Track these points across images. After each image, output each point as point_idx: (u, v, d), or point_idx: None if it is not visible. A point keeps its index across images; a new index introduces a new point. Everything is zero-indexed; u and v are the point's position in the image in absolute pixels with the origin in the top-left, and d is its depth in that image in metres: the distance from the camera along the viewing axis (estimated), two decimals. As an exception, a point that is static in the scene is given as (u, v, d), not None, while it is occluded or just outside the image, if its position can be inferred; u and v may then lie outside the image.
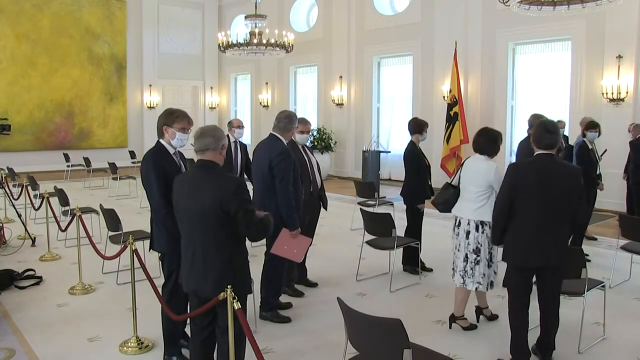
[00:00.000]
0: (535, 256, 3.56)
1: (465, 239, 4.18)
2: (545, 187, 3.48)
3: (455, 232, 4.31)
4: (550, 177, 3.50)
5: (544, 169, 3.52)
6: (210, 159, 3.06)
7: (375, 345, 2.72)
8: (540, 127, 3.62)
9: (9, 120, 15.23)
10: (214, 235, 2.97)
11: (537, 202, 3.50)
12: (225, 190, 2.93)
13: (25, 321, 4.56)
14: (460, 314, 4.40)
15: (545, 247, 3.54)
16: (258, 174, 4.52)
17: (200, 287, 3.03)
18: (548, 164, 3.53)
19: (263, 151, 4.50)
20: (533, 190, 3.50)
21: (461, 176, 4.29)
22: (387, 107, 13.86)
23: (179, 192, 3.12)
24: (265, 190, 4.41)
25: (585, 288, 3.99)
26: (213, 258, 2.98)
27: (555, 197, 3.48)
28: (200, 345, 3.22)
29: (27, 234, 7.27)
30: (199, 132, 3.11)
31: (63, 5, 15.98)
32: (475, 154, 4.26)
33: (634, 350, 4.01)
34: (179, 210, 3.12)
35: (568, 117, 10.02)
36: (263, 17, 11.81)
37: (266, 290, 4.55)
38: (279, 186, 4.31)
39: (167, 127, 3.62)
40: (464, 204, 4.24)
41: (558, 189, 3.49)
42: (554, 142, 3.55)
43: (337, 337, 4.02)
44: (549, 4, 6.73)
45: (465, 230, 4.18)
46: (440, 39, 11.97)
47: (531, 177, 3.52)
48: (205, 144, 3.04)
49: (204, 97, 18.96)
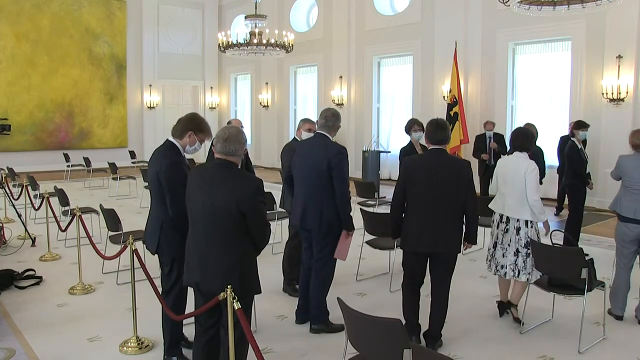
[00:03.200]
0: (424, 243, 3.85)
1: (516, 234, 4.36)
2: (433, 179, 3.80)
3: (500, 229, 4.45)
4: (437, 170, 3.82)
5: (433, 162, 3.87)
6: (230, 160, 3.07)
7: (375, 345, 2.72)
8: (433, 124, 3.96)
9: (9, 120, 15.23)
10: (227, 232, 2.98)
11: (426, 193, 3.82)
12: (245, 190, 2.95)
13: (25, 321, 4.56)
14: (516, 302, 4.54)
15: (434, 235, 3.82)
16: (310, 174, 4.20)
17: (204, 281, 3.03)
18: (437, 158, 3.89)
19: (317, 151, 4.22)
20: (422, 182, 3.84)
21: (498, 175, 4.49)
22: (387, 107, 13.85)
23: (194, 187, 3.11)
24: (319, 191, 4.17)
25: (586, 288, 3.99)
26: (223, 255, 2.99)
27: (443, 189, 3.79)
28: (204, 346, 3.20)
29: (27, 234, 7.27)
30: (225, 135, 3.06)
31: (63, 5, 15.98)
32: (514, 153, 4.45)
33: (634, 350, 4.01)
34: (192, 203, 3.09)
35: (568, 117, 10.04)
36: (263, 17, 11.82)
37: (322, 299, 4.33)
38: (339, 186, 4.12)
39: (193, 133, 3.58)
40: (509, 201, 4.37)
41: (445, 181, 3.79)
42: (446, 138, 3.94)
43: (337, 337, 4.03)
44: (549, 4, 6.74)
45: (515, 227, 4.37)
46: (440, 39, 11.97)
47: (421, 169, 3.89)
48: (231, 150, 3.04)
49: (204, 97, 18.96)
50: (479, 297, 5.16)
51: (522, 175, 4.26)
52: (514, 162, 4.38)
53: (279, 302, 4.98)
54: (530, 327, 4.40)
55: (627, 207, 4.45)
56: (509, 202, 4.37)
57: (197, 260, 3.06)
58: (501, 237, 4.44)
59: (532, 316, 4.53)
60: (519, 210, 4.32)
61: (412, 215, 3.90)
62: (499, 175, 4.48)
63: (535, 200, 4.25)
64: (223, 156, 3.06)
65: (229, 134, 3.07)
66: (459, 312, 4.74)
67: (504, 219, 4.43)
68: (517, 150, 4.41)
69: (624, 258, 4.56)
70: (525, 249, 4.34)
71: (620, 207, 4.51)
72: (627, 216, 4.45)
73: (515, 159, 4.40)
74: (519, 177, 4.28)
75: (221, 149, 3.05)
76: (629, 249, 4.51)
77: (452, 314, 4.69)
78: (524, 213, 4.31)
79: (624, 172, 4.54)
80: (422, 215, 3.84)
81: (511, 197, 4.35)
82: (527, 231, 4.34)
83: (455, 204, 3.82)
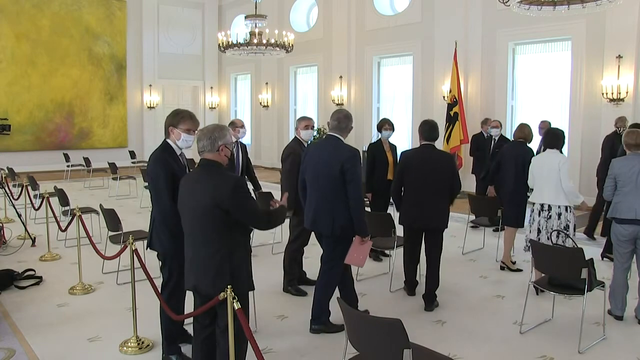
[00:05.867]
0: (418, 220, 4.78)
1: (557, 219, 5.10)
2: (424, 168, 4.73)
3: (542, 216, 5.16)
4: (427, 161, 4.77)
5: (425, 155, 4.82)
6: (211, 158, 3.08)
7: (375, 345, 2.72)
8: (428, 124, 4.86)
9: (9, 120, 15.23)
10: (213, 232, 2.99)
11: (419, 179, 4.75)
12: (223, 188, 2.95)
13: (25, 321, 4.56)
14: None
15: (425, 213, 4.74)
16: (322, 177, 4.12)
17: (199, 283, 3.06)
18: (430, 151, 4.82)
19: (328, 153, 4.13)
20: (415, 170, 4.77)
21: (535, 170, 5.20)
22: (387, 107, 13.85)
23: (183, 191, 3.17)
24: (331, 195, 4.08)
25: (586, 288, 3.99)
26: (211, 255, 3.00)
27: (432, 176, 4.71)
28: (202, 343, 3.23)
29: (27, 234, 7.27)
30: (198, 133, 3.17)
31: (63, 5, 15.98)
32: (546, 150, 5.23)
33: (634, 350, 4.01)
34: (183, 209, 3.15)
35: (568, 117, 10.05)
36: (263, 17, 11.81)
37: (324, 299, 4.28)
38: (353, 191, 4.01)
39: (173, 128, 3.62)
40: (547, 192, 5.10)
41: (434, 169, 4.72)
42: (437, 136, 4.86)
43: (337, 337, 4.03)
44: (549, 4, 6.73)
45: (557, 213, 5.11)
46: (440, 39, 11.97)
47: (415, 160, 4.83)
48: (201, 146, 3.08)
49: (204, 97, 18.96)
50: (479, 297, 5.16)
51: (557, 167, 5.00)
52: (549, 158, 5.12)
53: (279, 302, 4.98)
54: (530, 327, 4.40)
55: (624, 208, 4.47)
56: (547, 192, 5.10)
57: (190, 264, 3.11)
58: (544, 223, 5.16)
59: (532, 316, 4.53)
60: (557, 198, 5.06)
61: (409, 196, 4.82)
62: (535, 171, 5.20)
63: (570, 186, 5.03)
64: (201, 155, 3.11)
65: (201, 132, 3.13)
66: (459, 312, 4.75)
67: (545, 207, 5.14)
68: (549, 148, 5.17)
69: (620, 258, 4.58)
70: (566, 230, 5.07)
71: (617, 210, 4.53)
72: (626, 217, 4.47)
73: (548, 155, 5.14)
74: (555, 169, 5.01)
75: (198, 148, 3.10)
76: (625, 248, 4.53)
77: (452, 313, 4.72)
78: (561, 199, 5.05)
79: (619, 173, 4.55)
80: (416, 196, 4.76)
81: (549, 188, 5.08)
82: (567, 215, 5.09)
83: (442, 187, 4.73)
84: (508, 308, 4.84)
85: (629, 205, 4.42)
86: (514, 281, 5.59)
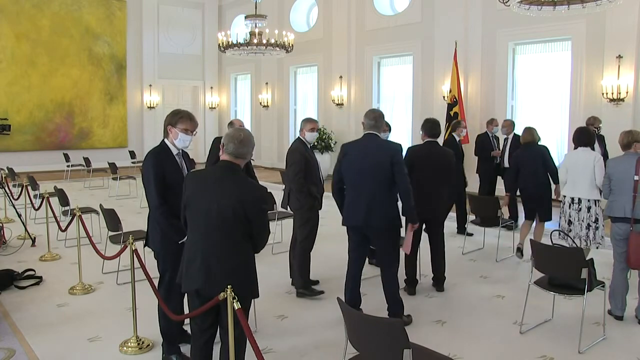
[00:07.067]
0: (425, 211, 4.99)
1: (587, 212, 5.47)
2: (429, 162, 5.10)
3: (573, 209, 5.52)
4: (431, 156, 5.15)
5: (430, 150, 5.19)
6: (238, 163, 3.03)
7: (375, 345, 2.72)
8: (430, 122, 5.28)
9: (9, 120, 15.23)
10: (234, 237, 2.94)
11: (425, 173, 5.06)
12: (253, 195, 2.95)
13: (25, 321, 4.56)
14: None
15: (431, 205, 5.08)
16: (372, 174, 4.27)
17: (208, 286, 2.94)
18: (433, 147, 5.21)
19: (376, 149, 4.31)
20: (421, 165, 5.08)
21: (569, 166, 5.53)
22: (387, 107, 13.84)
23: (196, 190, 3.02)
24: (382, 190, 4.27)
25: (586, 288, 3.99)
26: (229, 260, 2.94)
27: (436, 169, 5.11)
28: (202, 347, 3.17)
29: (27, 234, 7.27)
30: (240, 137, 3.01)
31: (63, 5, 15.98)
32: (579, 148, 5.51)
33: (634, 350, 4.01)
34: (194, 209, 3.02)
35: (568, 117, 10.05)
36: (263, 17, 11.81)
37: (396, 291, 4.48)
38: (403, 182, 4.27)
39: (171, 128, 3.64)
40: (580, 187, 5.45)
41: (438, 164, 5.12)
42: (439, 133, 5.27)
43: (337, 337, 4.03)
44: (549, 4, 6.73)
45: (586, 207, 5.47)
46: (440, 39, 11.97)
47: (421, 156, 5.17)
48: (243, 153, 3.02)
49: (204, 97, 18.96)
50: (479, 296, 5.16)
51: (592, 164, 5.35)
52: (583, 154, 5.45)
53: (279, 302, 4.98)
54: (530, 327, 4.40)
55: (616, 207, 4.54)
56: (581, 186, 5.45)
57: (199, 267, 2.96)
58: (575, 215, 5.54)
59: (532, 316, 4.53)
60: (590, 192, 5.42)
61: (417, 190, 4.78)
62: (570, 167, 5.53)
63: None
64: (232, 158, 3.00)
65: (245, 136, 3.02)
66: (459, 312, 4.76)
67: (576, 200, 5.50)
68: (582, 146, 5.48)
69: (619, 257, 4.60)
70: (595, 223, 5.46)
71: (611, 208, 4.59)
72: (617, 216, 4.53)
73: (582, 153, 5.46)
74: (589, 166, 5.36)
75: (233, 150, 2.99)
76: (622, 248, 4.54)
77: (452, 313, 4.72)
78: (594, 194, 5.41)
79: (612, 172, 4.62)
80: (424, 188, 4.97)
81: (583, 182, 5.42)
82: (596, 209, 5.46)
83: (447, 180, 5.18)
84: (508, 308, 4.84)
85: (621, 203, 4.50)
86: (514, 281, 5.60)
